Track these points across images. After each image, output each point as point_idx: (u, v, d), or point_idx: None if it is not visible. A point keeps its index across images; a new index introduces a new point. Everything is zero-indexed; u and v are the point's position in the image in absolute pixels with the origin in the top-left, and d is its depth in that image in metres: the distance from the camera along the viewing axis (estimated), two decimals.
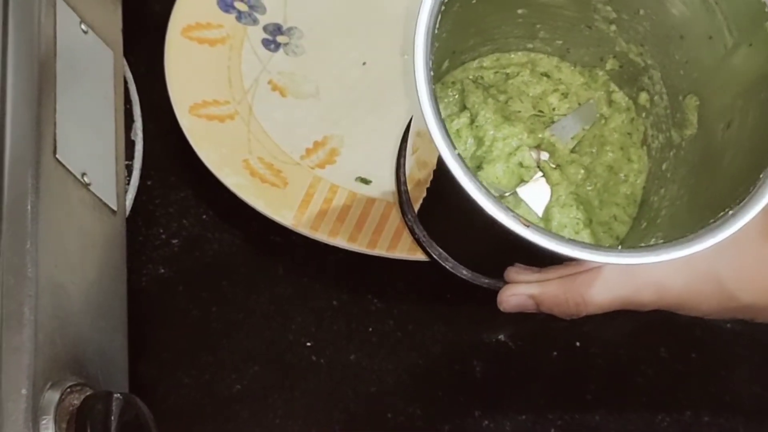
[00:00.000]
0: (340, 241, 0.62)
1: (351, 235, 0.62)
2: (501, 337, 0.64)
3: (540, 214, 0.57)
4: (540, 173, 0.58)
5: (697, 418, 0.61)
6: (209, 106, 0.67)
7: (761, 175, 0.46)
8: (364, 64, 0.70)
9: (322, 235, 0.62)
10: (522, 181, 0.57)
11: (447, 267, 0.59)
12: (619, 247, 0.46)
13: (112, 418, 0.48)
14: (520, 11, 0.57)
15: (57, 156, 0.53)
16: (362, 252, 0.62)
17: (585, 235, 0.56)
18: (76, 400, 0.48)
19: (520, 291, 0.53)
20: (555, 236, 0.44)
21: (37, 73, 0.53)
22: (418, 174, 0.57)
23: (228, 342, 0.63)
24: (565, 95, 0.60)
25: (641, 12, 0.55)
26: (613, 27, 0.57)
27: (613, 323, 0.53)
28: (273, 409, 0.61)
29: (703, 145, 0.53)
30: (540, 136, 0.58)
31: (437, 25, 0.47)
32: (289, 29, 0.71)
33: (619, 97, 0.60)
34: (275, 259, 0.66)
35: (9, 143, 0.50)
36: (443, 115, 0.58)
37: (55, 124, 0.53)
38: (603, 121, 0.60)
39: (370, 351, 0.63)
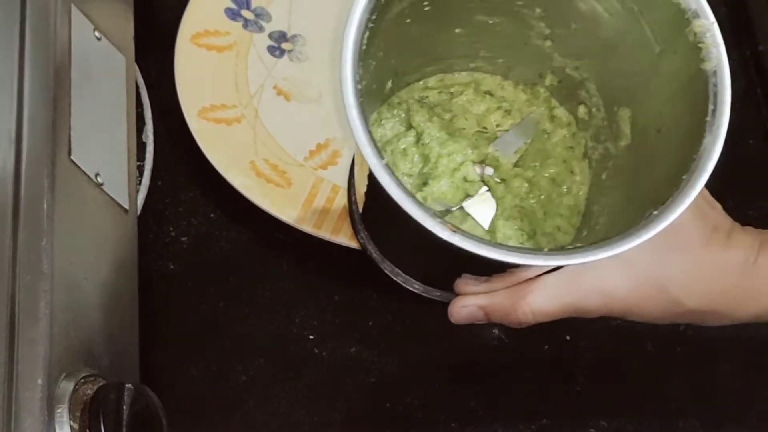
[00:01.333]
0: (342, 239, 0.62)
1: (352, 233, 0.62)
2: (495, 331, 0.64)
3: (486, 227, 0.57)
4: (486, 187, 0.58)
5: (681, 410, 0.61)
6: (217, 109, 0.67)
7: (684, 177, 0.45)
8: None
9: (324, 233, 0.62)
10: (468, 195, 0.57)
11: (399, 281, 0.60)
12: (546, 249, 0.45)
13: (124, 407, 0.48)
14: (457, 30, 0.57)
15: (72, 157, 0.53)
16: None
17: (529, 246, 0.56)
18: (89, 390, 0.48)
19: (470, 302, 0.51)
20: (481, 240, 0.44)
21: (52, 78, 0.53)
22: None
23: (234, 335, 0.63)
24: (508, 112, 0.60)
25: (573, 26, 0.54)
26: (548, 42, 0.57)
27: (602, 318, 0.53)
28: (277, 399, 0.61)
29: (638, 153, 0.53)
30: (484, 151, 0.58)
31: (364, 41, 0.46)
32: (293, 37, 0.71)
33: (560, 112, 0.60)
34: (279, 255, 0.66)
35: (26, 145, 0.51)
36: (390, 135, 0.58)
37: (69, 126, 0.53)
38: (546, 136, 0.59)
39: (370, 344, 0.63)
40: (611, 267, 0.49)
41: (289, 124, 0.68)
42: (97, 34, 0.59)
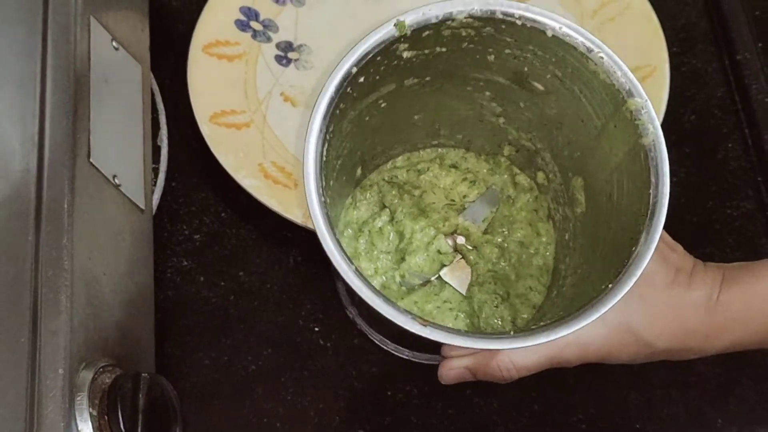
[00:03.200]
0: None
1: None
2: None
3: (464, 293, 0.57)
4: (459, 256, 0.58)
5: (666, 396, 0.61)
6: (227, 115, 0.67)
7: (633, 249, 0.46)
8: None
9: None
10: (443, 265, 0.57)
11: (389, 350, 0.61)
12: (511, 332, 0.46)
13: (140, 395, 0.48)
14: (416, 117, 0.57)
15: (91, 160, 0.53)
16: None
17: (504, 308, 0.56)
18: (107, 379, 0.48)
19: (456, 365, 0.52)
20: (450, 330, 0.44)
21: (73, 86, 0.53)
22: None
23: (244, 327, 0.63)
24: (473, 183, 0.60)
25: (522, 104, 0.55)
26: (501, 119, 0.57)
27: None
28: (285, 387, 0.61)
29: (593, 218, 0.53)
30: (454, 222, 0.58)
31: (325, 153, 0.47)
32: (300, 46, 0.71)
33: (522, 178, 0.60)
34: (286, 252, 0.66)
35: (48, 148, 0.51)
36: (366, 216, 0.58)
37: (89, 131, 0.53)
38: (510, 202, 0.59)
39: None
40: None
41: (295, 129, 0.68)
42: (114, 44, 0.59)
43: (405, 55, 0.50)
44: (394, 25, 0.48)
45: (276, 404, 0.61)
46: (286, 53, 0.71)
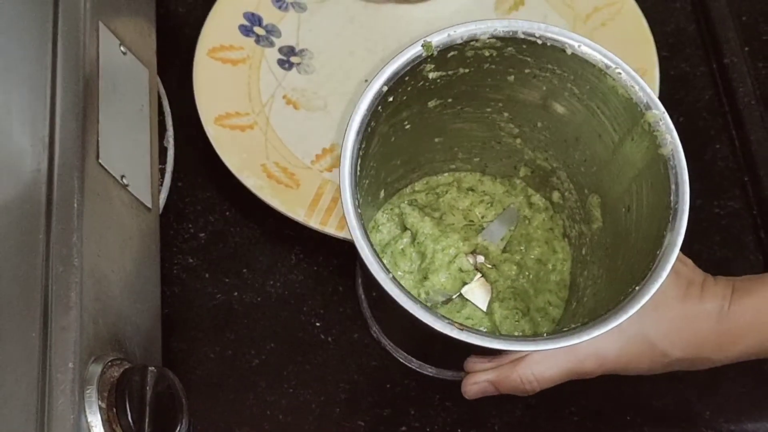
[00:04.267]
0: (346, 234, 0.62)
1: None
2: None
3: (485, 309, 0.57)
4: (479, 274, 0.58)
5: (656, 389, 0.61)
6: (232, 117, 0.67)
7: (657, 252, 0.46)
8: (366, 81, 0.70)
9: (330, 229, 0.62)
10: (464, 283, 0.57)
11: (413, 367, 0.61)
12: (545, 334, 0.47)
13: (148, 388, 0.48)
14: (437, 140, 0.57)
15: (99, 161, 0.53)
16: None
17: (524, 323, 0.57)
18: (116, 372, 0.48)
19: (480, 379, 0.52)
20: (485, 334, 0.45)
21: (82, 89, 0.53)
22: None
23: (248, 322, 0.63)
24: (490, 204, 0.60)
25: (539, 124, 0.55)
26: (518, 140, 0.57)
27: None
28: (287, 380, 0.61)
29: (612, 231, 0.54)
30: (474, 242, 0.58)
31: (358, 168, 0.47)
32: (301, 51, 0.71)
33: (537, 199, 0.60)
34: (289, 250, 0.66)
35: (58, 149, 0.51)
36: (388, 238, 0.59)
37: (98, 133, 0.53)
38: (527, 222, 0.60)
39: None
40: None
41: (297, 131, 0.68)
42: (122, 49, 0.59)
43: (431, 75, 0.51)
44: (422, 45, 0.49)
45: (279, 396, 0.61)
46: (288, 57, 0.71)
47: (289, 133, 0.67)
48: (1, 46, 0.53)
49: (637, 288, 0.45)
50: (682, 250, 0.50)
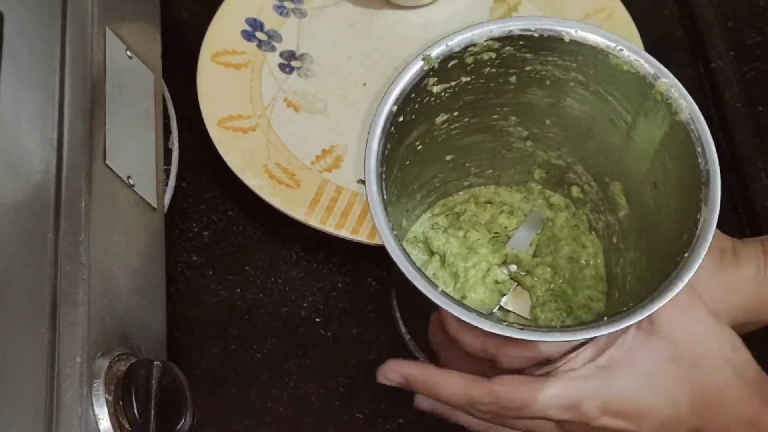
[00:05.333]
0: (345, 233, 0.62)
1: (353, 228, 0.62)
2: None
3: (528, 317, 0.55)
4: (515, 283, 0.56)
5: None
6: (234, 119, 0.67)
7: (698, 216, 0.45)
8: (364, 84, 0.70)
9: (329, 228, 0.62)
10: (502, 294, 0.56)
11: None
12: (605, 318, 0.44)
13: (153, 381, 0.48)
14: (448, 158, 0.56)
15: (106, 162, 0.53)
16: (363, 242, 0.62)
17: (570, 322, 0.55)
18: (122, 366, 0.48)
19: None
20: (546, 329, 0.44)
21: (89, 92, 0.53)
22: None
23: (250, 317, 0.63)
24: (511, 213, 0.58)
25: (548, 122, 0.54)
26: (529, 143, 0.56)
27: None
28: (288, 374, 0.61)
29: (641, 213, 0.52)
30: (503, 252, 0.56)
31: (384, 193, 0.46)
32: (302, 55, 0.71)
33: (556, 199, 0.58)
34: (290, 248, 0.66)
35: (66, 151, 0.51)
36: (418, 264, 0.56)
37: (104, 135, 0.53)
38: (550, 223, 0.58)
39: (369, 326, 0.63)
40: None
41: (297, 132, 0.68)
42: (128, 53, 0.59)
43: (435, 90, 0.50)
44: (422, 59, 0.48)
45: (280, 390, 0.61)
46: (289, 62, 0.71)
47: (289, 135, 0.67)
48: (12, 50, 0.53)
49: (686, 255, 0.43)
50: None
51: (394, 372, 0.49)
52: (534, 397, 0.46)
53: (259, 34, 0.71)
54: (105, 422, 0.46)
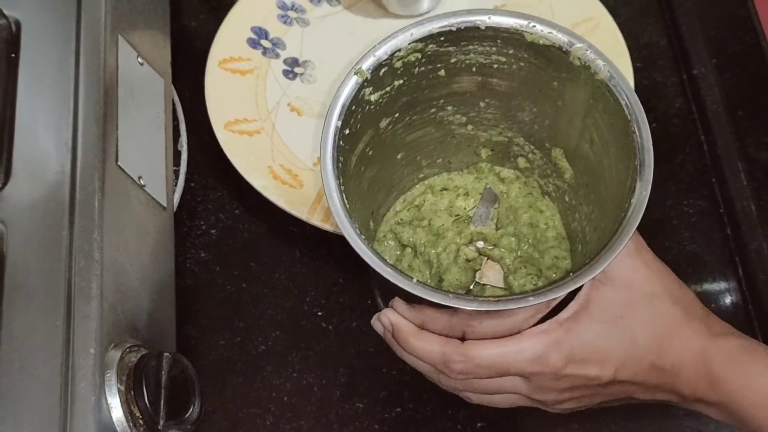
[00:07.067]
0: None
1: None
2: None
3: (503, 286, 0.56)
4: (486, 258, 0.57)
5: None
6: (240, 123, 0.67)
7: (635, 161, 0.46)
8: None
9: (330, 226, 0.62)
10: (475, 271, 0.56)
11: None
12: (571, 274, 0.44)
13: (163, 372, 0.48)
14: (399, 156, 0.57)
15: (118, 163, 0.53)
16: None
17: (542, 283, 0.55)
18: (133, 358, 0.48)
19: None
20: (519, 296, 0.44)
21: (102, 97, 0.53)
22: None
23: (255, 311, 0.63)
24: (467, 194, 0.59)
25: (482, 104, 0.55)
26: (470, 126, 0.57)
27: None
28: (291, 365, 0.61)
29: (585, 168, 0.53)
30: (468, 232, 0.57)
31: (347, 203, 0.47)
32: (305, 62, 0.71)
33: (506, 173, 0.59)
34: (293, 245, 0.66)
35: (80, 153, 0.51)
36: (392, 261, 0.57)
37: (117, 137, 0.53)
38: (505, 196, 0.59)
39: (369, 319, 0.63)
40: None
41: (301, 135, 0.68)
42: (140, 60, 0.59)
43: (372, 98, 0.51)
44: (355, 73, 0.49)
45: (284, 380, 0.61)
46: (292, 68, 0.71)
47: (293, 138, 0.67)
48: (29, 57, 0.53)
49: (632, 200, 0.45)
50: (653, 247, 0.50)
51: (386, 317, 0.49)
52: (502, 352, 0.47)
53: (264, 42, 0.71)
54: (117, 411, 0.46)
